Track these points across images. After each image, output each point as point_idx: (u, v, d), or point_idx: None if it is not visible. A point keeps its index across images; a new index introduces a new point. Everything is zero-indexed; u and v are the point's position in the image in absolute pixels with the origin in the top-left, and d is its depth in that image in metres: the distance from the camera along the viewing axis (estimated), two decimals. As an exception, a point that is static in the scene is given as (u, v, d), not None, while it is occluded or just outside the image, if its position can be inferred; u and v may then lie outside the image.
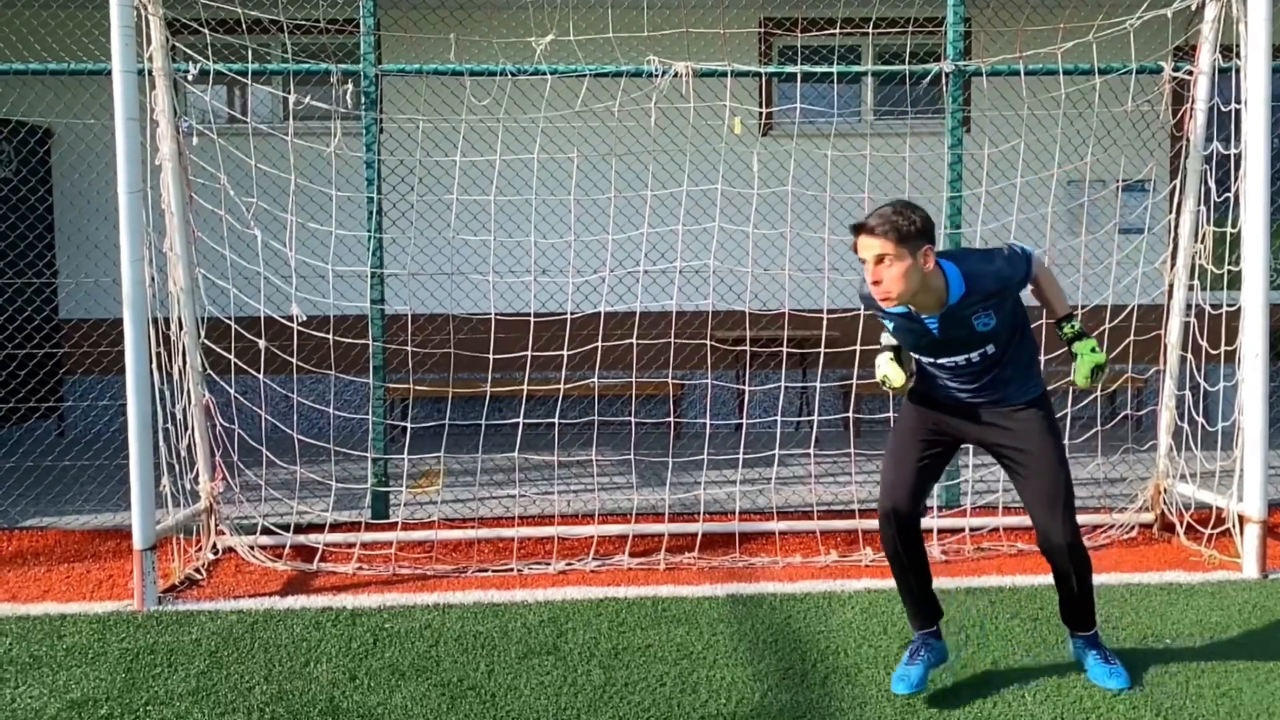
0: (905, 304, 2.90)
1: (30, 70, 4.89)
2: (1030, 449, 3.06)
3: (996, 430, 3.09)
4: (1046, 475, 3.04)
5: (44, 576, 4.39)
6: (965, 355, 3.01)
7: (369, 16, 4.75)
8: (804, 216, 5.14)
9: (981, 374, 3.05)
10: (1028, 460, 3.06)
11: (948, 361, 3.04)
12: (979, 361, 3.02)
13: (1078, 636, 3.25)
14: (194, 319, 4.62)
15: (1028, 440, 3.06)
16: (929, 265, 2.84)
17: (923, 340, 3.03)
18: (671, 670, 3.32)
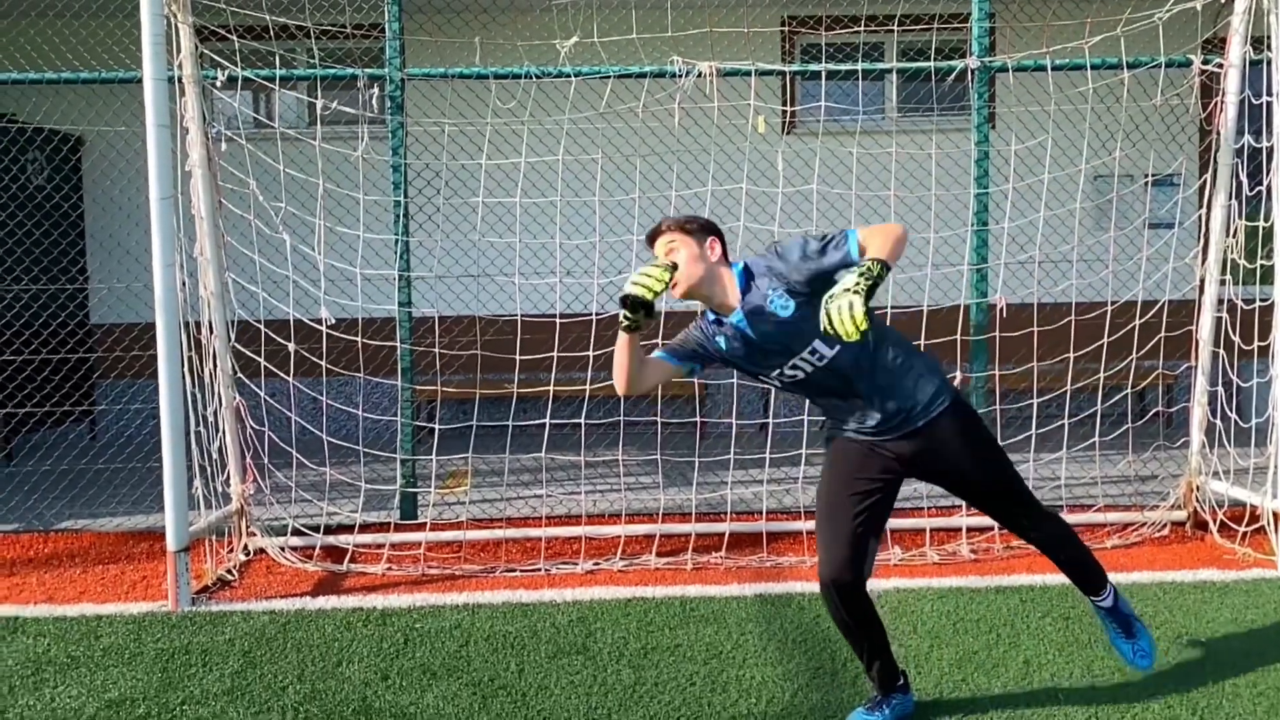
0: (699, 297, 2.85)
1: (63, 79, 4.97)
2: (964, 469, 2.88)
3: (924, 457, 2.84)
4: (997, 490, 2.92)
5: (79, 578, 4.46)
6: (794, 360, 2.78)
7: (394, 21, 4.78)
8: (829, 215, 5.12)
9: (848, 388, 2.80)
10: (970, 484, 2.94)
11: (790, 372, 2.81)
12: (822, 367, 2.78)
13: (1099, 606, 3.09)
14: (224, 323, 4.67)
15: (958, 459, 2.85)
16: (715, 254, 2.86)
17: (748, 350, 2.82)
18: (701, 670, 3.32)
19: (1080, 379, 4.89)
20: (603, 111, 4.79)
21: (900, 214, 4.92)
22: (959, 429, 2.86)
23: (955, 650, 3.44)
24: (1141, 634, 3.11)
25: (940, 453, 2.85)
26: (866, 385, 2.80)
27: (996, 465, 2.91)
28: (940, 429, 2.83)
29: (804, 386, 2.89)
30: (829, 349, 2.76)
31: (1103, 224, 5.98)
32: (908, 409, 2.82)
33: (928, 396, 2.83)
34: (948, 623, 3.70)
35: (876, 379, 2.81)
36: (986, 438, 2.95)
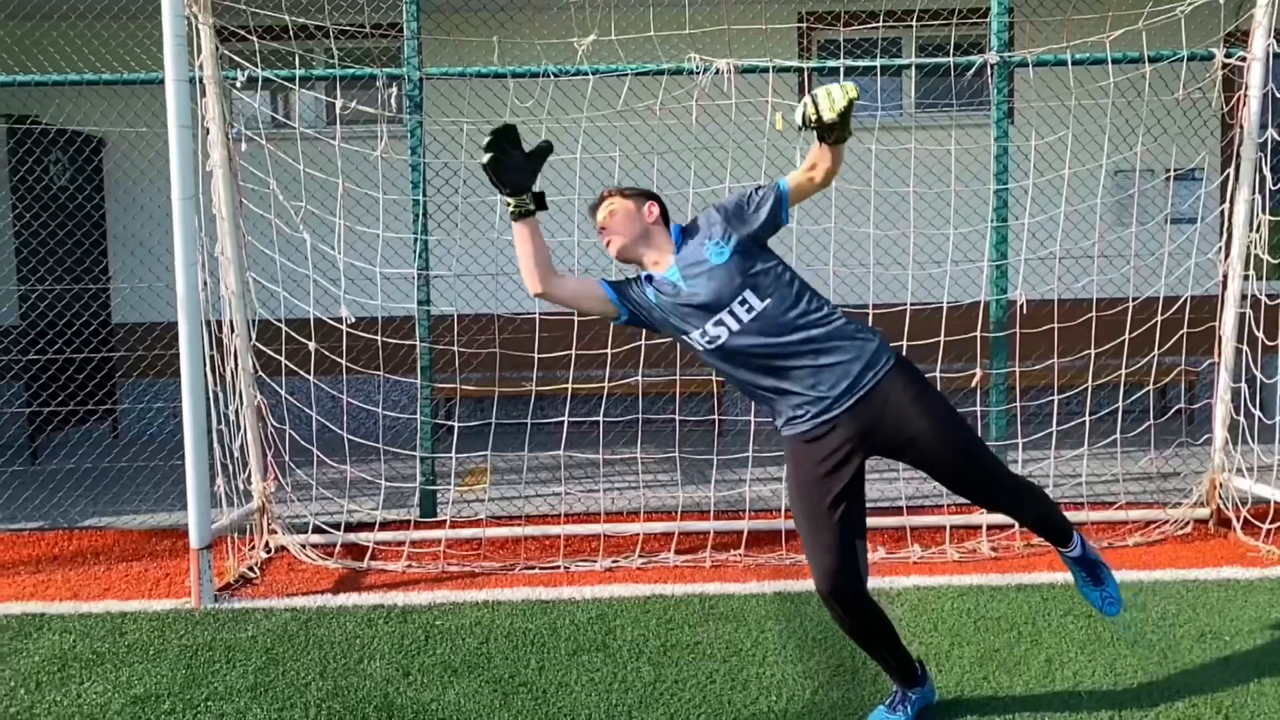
0: (635, 258, 2.89)
1: (85, 81, 5.01)
2: (925, 433, 2.69)
3: (881, 428, 2.70)
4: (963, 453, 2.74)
5: (104, 575, 4.50)
6: (730, 308, 2.71)
7: (413, 21, 4.80)
8: (847, 211, 5.11)
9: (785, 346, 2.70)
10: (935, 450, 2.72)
11: (714, 330, 2.73)
12: (758, 320, 2.70)
13: (1067, 556, 3.00)
14: (245, 322, 4.70)
15: (917, 422, 2.68)
16: (652, 215, 2.92)
17: (675, 302, 2.78)
18: (721, 667, 3.32)
19: (1101, 375, 4.86)
20: (620, 109, 4.79)
21: (919, 210, 4.90)
22: (911, 389, 2.72)
23: (976, 648, 3.43)
24: (1109, 581, 3.03)
25: (897, 419, 2.69)
26: (799, 343, 2.70)
27: (959, 426, 2.77)
28: (891, 391, 2.70)
29: (735, 358, 2.76)
30: (758, 300, 2.71)
31: (1124, 219, 5.95)
32: (850, 368, 2.70)
33: (869, 353, 2.72)
34: (968, 620, 3.69)
35: (811, 334, 2.71)
36: (941, 396, 2.80)
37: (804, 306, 2.75)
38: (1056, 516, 2.96)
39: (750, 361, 2.76)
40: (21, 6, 5.67)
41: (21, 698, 3.19)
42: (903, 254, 4.99)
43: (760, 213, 2.80)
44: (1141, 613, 3.71)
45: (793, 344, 2.71)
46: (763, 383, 2.79)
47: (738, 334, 2.73)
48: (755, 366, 2.76)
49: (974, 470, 2.78)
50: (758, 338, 2.72)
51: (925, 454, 2.75)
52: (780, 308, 2.72)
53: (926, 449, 2.73)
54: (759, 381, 2.79)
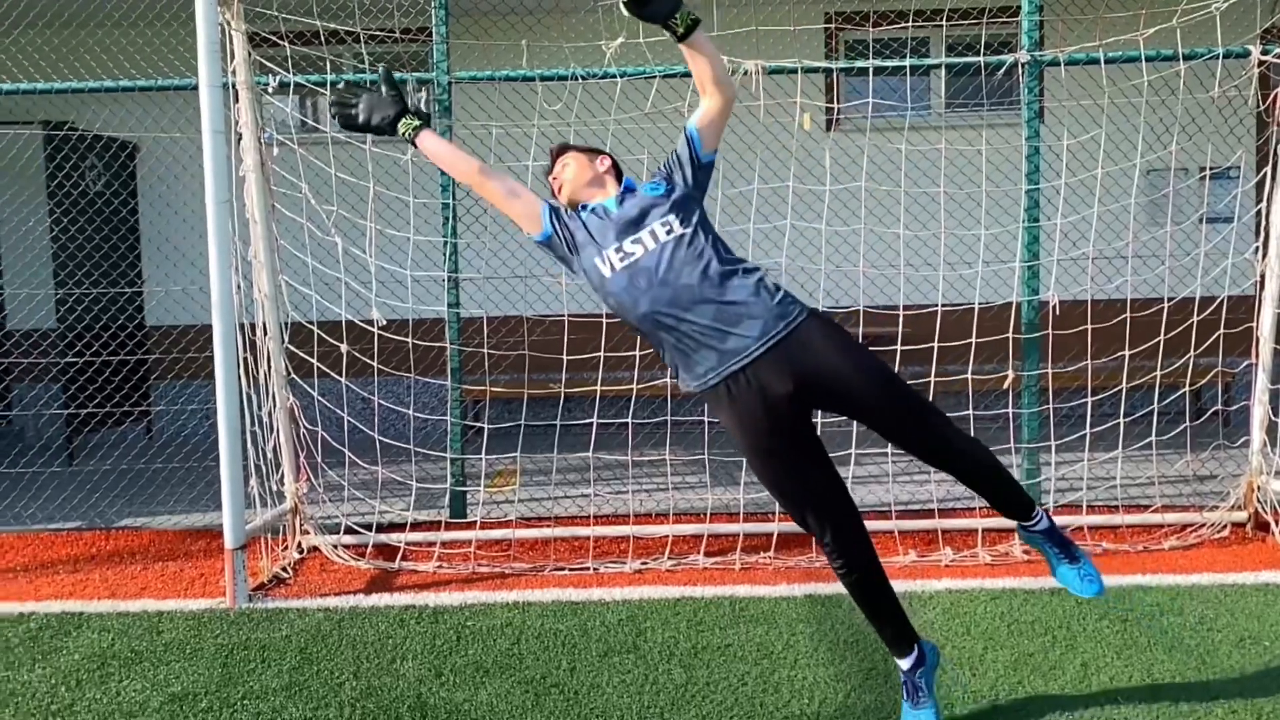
0: (581, 199, 2.93)
1: (121, 88, 5.08)
2: (855, 375, 2.62)
3: (810, 375, 2.61)
4: (898, 396, 2.65)
5: (140, 574, 4.56)
6: (652, 227, 2.71)
7: (441, 25, 4.83)
8: (877, 212, 5.08)
9: (696, 277, 2.63)
10: (869, 394, 2.63)
11: (630, 248, 2.71)
12: (676, 245, 2.67)
13: (1032, 531, 2.89)
14: (278, 324, 4.75)
15: (844, 365, 2.62)
16: (604, 165, 3.00)
17: (602, 221, 2.80)
18: (752, 670, 3.32)
19: (1136, 377, 4.81)
20: (648, 111, 4.79)
21: (950, 210, 4.87)
22: (831, 332, 2.67)
23: (1010, 652, 3.40)
24: (1083, 557, 2.89)
25: (823, 363, 2.61)
26: (711, 277, 2.64)
27: (887, 369, 2.70)
28: (811, 334, 2.63)
29: (645, 284, 2.67)
30: (680, 225, 2.71)
31: (1158, 219, 5.88)
32: (760, 315, 2.62)
33: (779, 299, 2.67)
34: (1002, 624, 3.66)
35: (723, 271, 2.66)
36: (862, 344, 2.76)
37: (723, 251, 2.75)
38: (1016, 484, 2.85)
39: (659, 293, 2.65)
40: (59, 14, 5.76)
41: (62, 695, 3.24)
42: (933, 255, 4.96)
43: (682, 156, 2.92)
44: (1178, 617, 3.67)
45: (705, 276, 2.64)
46: (669, 319, 2.66)
47: (653, 253, 2.69)
48: (665, 299, 2.65)
49: (910, 411, 2.67)
50: (670, 262, 2.67)
51: (852, 394, 2.65)
52: (699, 240, 2.72)
53: (851, 386, 2.64)
54: (665, 318, 2.66)
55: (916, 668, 2.87)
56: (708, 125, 2.88)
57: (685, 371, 2.74)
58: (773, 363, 2.62)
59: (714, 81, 2.80)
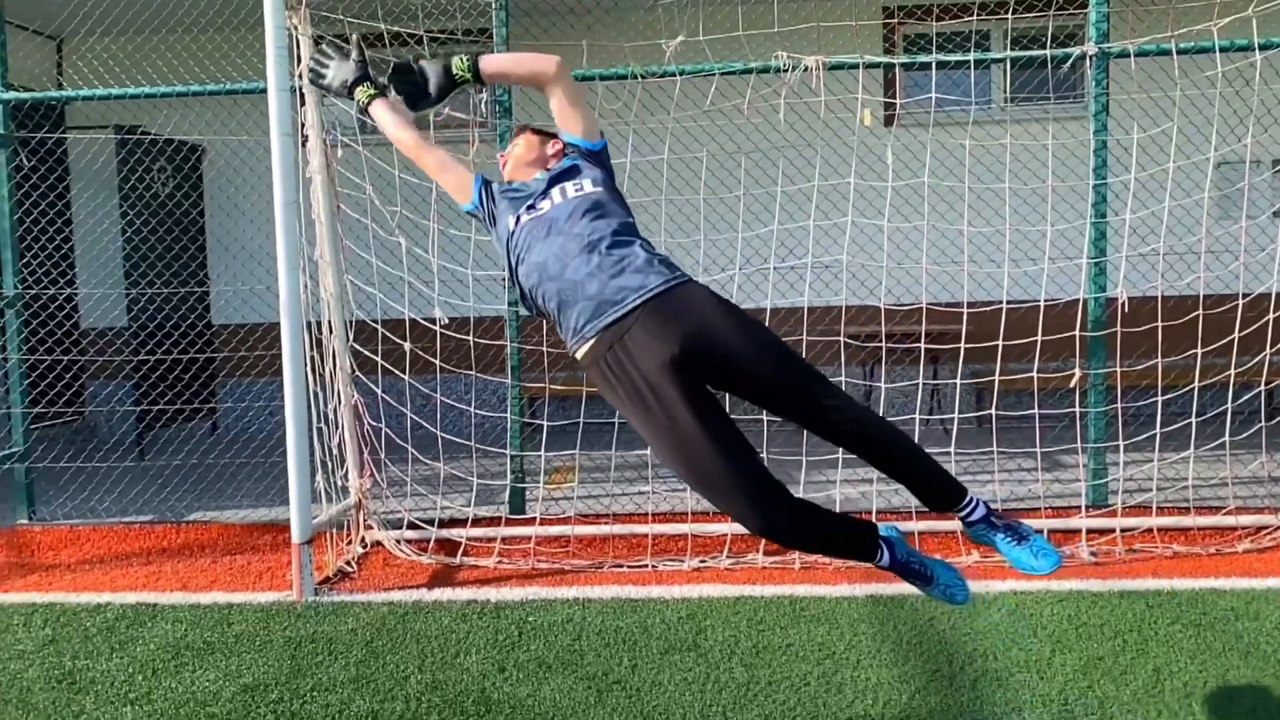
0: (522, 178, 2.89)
1: (191, 92, 5.21)
2: (738, 340, 2.47)
3: (689, 339, 2.45)
4: (788, 364, 2.51)
5: (210, 567, 4.68)
6: (563, 185, 2.73)
7: (502, 26, 4.87)
8: (939, 208, 5.01)
9: (594, 230, 2.61)
10: (757, 363, 2.47)
11: (541, 204, 2.70)
12: (579, 200, 2.67)
13: (972, 523, 2.65)
14: (343, 323, 4.83)
15: (727, 329, 2.48)
16: (553, 149, 2.93)
17: (527, 188, 2.80)
18: (814, 670, 3.30)
19: (1208, 375, 4.68)
20: (707, 109, 4.79)
21: (1014, 206, 4.79)
22: (710, 296, 2.55)
23: (1079, 656, 3.34)
24: (1030, 533, 2.64)
25: (707, 324, 2.47)
26: (605, 230, 2.60)
27: (779, 340, 2.55)
28: (695, 297, 2.52)
29: (546, 235, 2.65)
30: (590, 185, 2.73)
31: (1231, 213, 5.72)
32: (647, 265, 2.55)
33: (662, 260, 2.62)
34: (1069, 627, 3.60)
35: (618, 229, 2.63)
36: (744, 311, 2.61)
37: (625, 217, 2.72)
38: (939, 469, 2.64)
39: (553, 241, 2.63)
40: (132, 22, 5.93)
41: (140, 684, 3.34)
42: (996, 251, 4.88)
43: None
44: (1254, 622, 3.57)
45: (598, 230, 2.60)
46: (555, 265, 2.60)
47: (559, 206, 2.69)
48: (556, 246, 2.62)
49: (808, 384, 2.51)
50: (571, 213, 2.66)
51: (743, 364, 2.48)
52: (605, 202, 2.70)
53: (740, 354, 2.47)
54: (553, 264, 2.61)
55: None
56: (567, 118, 2.86)
57: (565, 327, 2.63)
58: (651, 321, 2.49)
59: (533, 78, 2.83)
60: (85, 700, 3.21)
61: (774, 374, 2.49)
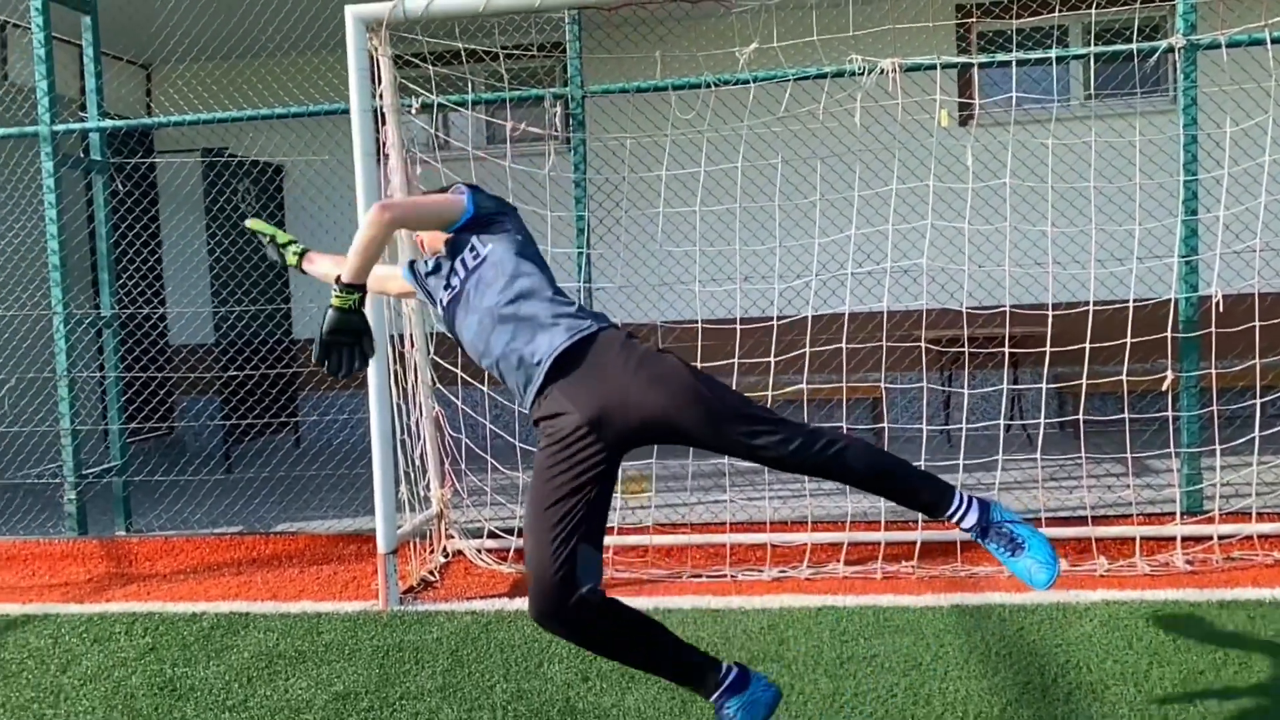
0: (436, 248, 2.85)
1: (276, 114, 5.37)
2: (656, 391, 2.42)
3: (609, 395, 2.44)
4: (716, 405, 2.42)
5: (298, 577, 4.80)
6: (458, 259, 2.68)
7: (575, 40, 4.92)
8: (1021, 209, 4.91)
9: (503, 302, 2.57)
10: (681, 410, 2.41)
11: (452, 281, 2.69)
12: (482, 270, 2.62)
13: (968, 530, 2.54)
14: (424, 336, 4.92)
15: (643, 380, 2.43)
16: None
17: (442, 268, 2.77)
18: (901, 681, 3.25)
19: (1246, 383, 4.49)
20: (781, 115, 4.76)
21: (1099, 205, 4.67)
22: (620, 349, 2.48)
23: (1178, 669, 3.22)
24: (1032, 544, 2.49)
25: (613, 387, 2.43)
26: (509, 295, 2.57)
27: (687, 380, 2.45)
28: (599, 352, 2.47)
29: (468, 311, 2.64)
30: (484, 246, 2.65)
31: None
32: (551, 322, 2.52)
33: (569, 313, 2.57)
34: (1166, 639, 3.47)
35: (518, 290, 2.58)
36: (663, 355, 2.53)
37: (527, 267, 2.63)
38: (914, 474, 2.52)
39: (472, 319, 2.63)
40: (219, 49, 6.15)
41: (236, 691, 3.44)
42: (1081, 251, 4.76)
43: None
44: (1369, 635, 3.40)
45: (508, 296, 2.57)
46: (481, 343, 2.63)
47: (467, 280, 2.64)
48: (474, 323, 2.63)
49: (724, 423, 2.42)
50: (478, 284, 2.62)
51: (646, 418, 2.43)
52: (502, 258, 2.63)
53: (644, 408, 2.43)
54: (479, 342, 2.63)
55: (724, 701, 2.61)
56: (428, 237, 2.83)
57: (514, 395, 2.67)
58: (565, 383, 2.49)
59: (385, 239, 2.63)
60: (186, 707, 3.31)
61: (692, 426, 2.45)
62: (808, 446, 2.44)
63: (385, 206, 2.55)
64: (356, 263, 2.54)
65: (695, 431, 2.45)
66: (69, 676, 3.62)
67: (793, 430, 2.45)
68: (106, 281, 5.55)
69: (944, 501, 2.51)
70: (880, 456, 2.55)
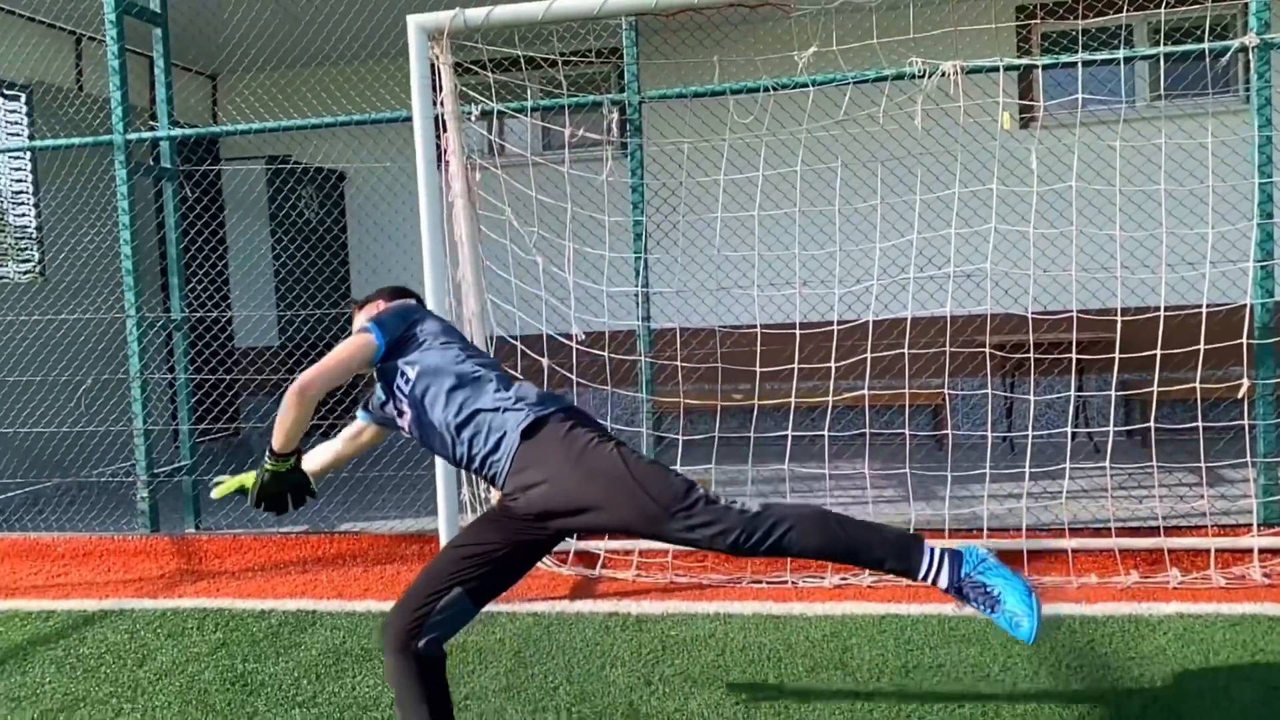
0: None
1: (339, 122, 5.47)
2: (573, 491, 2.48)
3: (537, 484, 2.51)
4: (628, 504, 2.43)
5: (362, 576, 4.87)
6: (397, 384, 2.71)
7: (632, 46, 4.94)
8: (1087, 212, 4.82)
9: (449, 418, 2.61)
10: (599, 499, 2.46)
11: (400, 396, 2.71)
12: (418, 390, 2.65)
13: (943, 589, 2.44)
14: (484, 340, 4.97)
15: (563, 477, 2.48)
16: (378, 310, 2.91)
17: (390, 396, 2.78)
18: (969, 691, 3.21)
19: None
20: (840, 119, 4.74)
21: (1169, 208, 4.57)
22: (561, 444, 2.50)
23: (1259, 686, 3.13)
24: (1005, 592, 2.36)
25: (551, 488, 2.49)
26: (454, 409, 2.61)
27: (619, 472, 2.45)
28: (541, 447, 2.51)
29: (424, 431, 2.69)
30: (411, 368, 2.67)
31: None
32: (500, 425, 2.56)
33: (515, 398, 2.59)
34: (1245, 654, 3.38)
35: (459, 402, 2.61)
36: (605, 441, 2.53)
37: (457, 374, 2.64)
38: (872, 540, 2.45)
39: (433, 435, 2.67)
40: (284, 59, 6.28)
41: (305, 687, 3.50)
42: (1150, 256, 4.66)
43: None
44: None
45: (452, 411, 2.62)
46: (447, 454, 2.69)
47: (409, 399, 2.69)
48: (440, 443, 2.67)
49: (655, 518, 2.43)
50: (420, 407, 2.67)
51: (579, 517, 2.51)
52: (432, 370, 2.66)
53: (577, 509, 2.49)
54: (446, 454, 2.69)
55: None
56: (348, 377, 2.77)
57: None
58: (513, 478, 2.54)
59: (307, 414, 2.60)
60: (257, 702, 3.38)
61: (628, 521, 2.47)
62: (749, 536, 2.42)
63: (302, 388, 2.55)
64: (284, 439, 2.59)
65: (633, 527, 2.50)
66: (145, 671, 3.72)
67: (733, 521, 2.42)
68: (177, 286, 5.69)
69: (913, 565, 2.44)
70: (836, 528, 2.48)
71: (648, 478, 2.45)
